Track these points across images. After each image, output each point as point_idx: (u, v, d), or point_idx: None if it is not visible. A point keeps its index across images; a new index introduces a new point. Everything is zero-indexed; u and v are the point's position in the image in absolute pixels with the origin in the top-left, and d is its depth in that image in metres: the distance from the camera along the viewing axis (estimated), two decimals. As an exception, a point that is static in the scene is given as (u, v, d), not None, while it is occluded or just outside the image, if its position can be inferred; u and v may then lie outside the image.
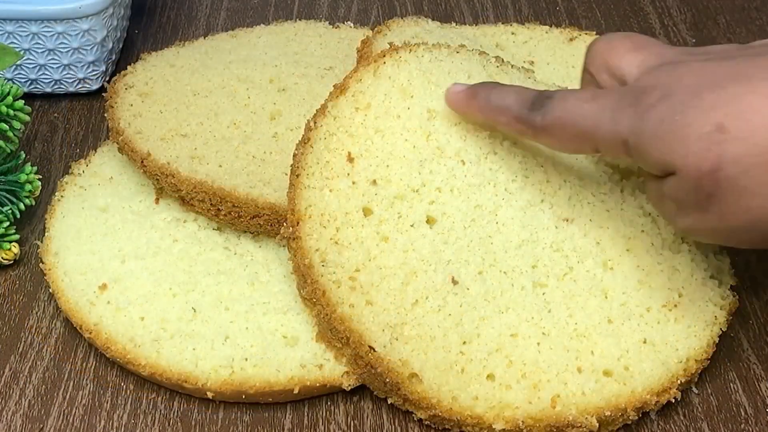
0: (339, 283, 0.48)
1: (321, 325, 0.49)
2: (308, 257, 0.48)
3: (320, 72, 0.63)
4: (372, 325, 0.47)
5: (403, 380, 0.47)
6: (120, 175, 0.60)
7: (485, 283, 0.50)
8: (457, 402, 0.47)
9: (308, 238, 0.48)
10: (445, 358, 0.48)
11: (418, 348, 0.48)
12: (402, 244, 0.50)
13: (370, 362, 0.47)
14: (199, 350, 0.50)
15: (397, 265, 0.49)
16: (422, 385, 0.47)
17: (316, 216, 0.49)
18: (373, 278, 0.49)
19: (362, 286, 0.48)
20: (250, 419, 0.50)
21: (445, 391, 0.47)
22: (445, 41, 0.62)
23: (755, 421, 0.50)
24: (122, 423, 0.49)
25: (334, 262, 0.48)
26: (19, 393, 0.51)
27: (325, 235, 0.49)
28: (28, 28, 0.65)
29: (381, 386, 0.48)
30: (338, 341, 0.48)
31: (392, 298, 0.48)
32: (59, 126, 0.68)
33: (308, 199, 0.49)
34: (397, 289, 0.49)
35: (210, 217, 0.55)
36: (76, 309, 0.52)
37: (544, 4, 0.82)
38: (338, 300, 0.48)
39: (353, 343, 0.47)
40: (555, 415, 0.46)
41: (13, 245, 0.57)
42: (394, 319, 0.48)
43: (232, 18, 0.80)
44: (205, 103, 0.60)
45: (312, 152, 0.50)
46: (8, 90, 0.55)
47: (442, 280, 0.49)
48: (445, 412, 0.47)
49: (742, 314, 0.55)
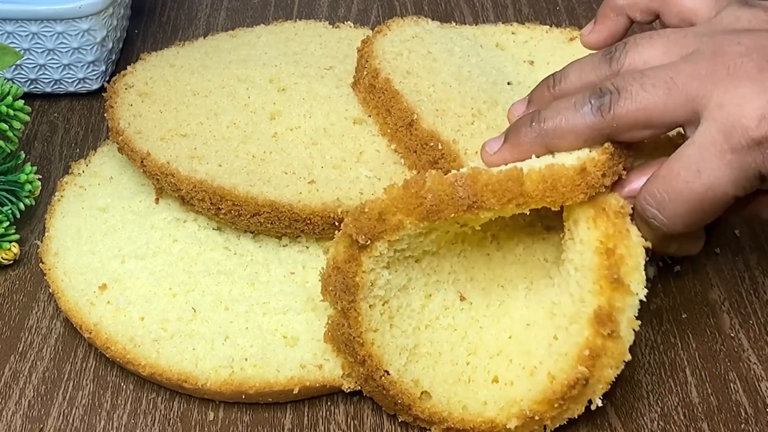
0: (374, 307, 0.47)
1: (336, 334, 0.48)
2: (361, 275, 0.46)
3: (320, 72, 0.63)
4: (390, 349, 0.47)
5: (414, 401, 0.47)
6: (120, 175, 0.60)
7: (488, 296, 0.50)
8: (467, 411, 0.47)
9: (372, 258, 0.46)
10: (453, 372, 0.48)
11: (428, 366, 0.48)
12: (429, 266, 0.50)
13: (383, 385, 0.47)
14: (199, 350, 0.50)
15: (420, 287, 0.49)
16: (431, 400, 0.47)
17: (394, 243, 0.47)
18: (401, 302, 0.49)
19: (390, 309, 0.48)
20: (250, 419, 0.50)
21: (455, 402, 0.47)
22: (445, 41, 0.63)
23: (755, 421, 0.50)
24: (122, 423, 0.49)
25: (380, 288, 0.47)
26: (19, 393, 0.51)
27: (385, 260, 0.47)
28: (28, 28, 0.65)
29: (391, 405, 0.48)
30: (352, 358, 0.48)
31: (411, 320, 0.49)
32: (59, 126, 0.68)
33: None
34: (417, 311, 0.49)
35: (210, 216, 0.55)
36: (76, 309, 0.52)
37: (544, 4, 0.82)
38: (368, 325, 0.47)
39: (369, 366, 0.47)
40: (553, 389, 0.46)
41: (13, 245, 0.57)
42: (411, 341, 0.48)
43: (232, 18, 0.80)
44: (205, 103, 0.60)
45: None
46: (8, 90, 0.55)
47: (452, 298, 0.50)
48: (458, 423, 0.47)
49: (742, 314, 0.55)
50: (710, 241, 0.59)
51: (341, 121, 0.59)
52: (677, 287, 0.57)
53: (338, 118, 0.59)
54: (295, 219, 0.53)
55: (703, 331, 0.54)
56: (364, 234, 0.45)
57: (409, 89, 0.57)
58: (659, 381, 0.52)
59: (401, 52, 0.60)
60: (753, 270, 0.58)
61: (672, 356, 0.53)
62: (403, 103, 0.56)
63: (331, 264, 0.47)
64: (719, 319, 0.55)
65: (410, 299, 0.49)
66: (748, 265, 0.58)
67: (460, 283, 0.50)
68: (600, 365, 0.44)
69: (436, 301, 0.50)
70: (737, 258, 0.59)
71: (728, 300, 0.56)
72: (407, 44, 0.61)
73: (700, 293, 0.57)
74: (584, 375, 0.44)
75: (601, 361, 0.44)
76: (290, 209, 0.53)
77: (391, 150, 0.58)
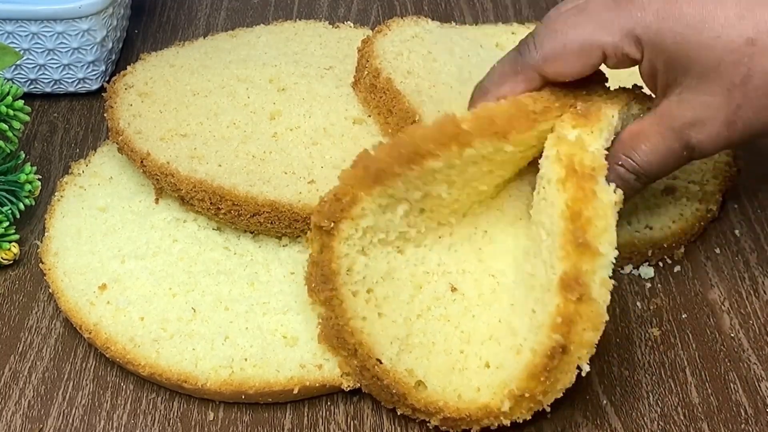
0: (357, 294, 0.48)
1: (327, 330, 0.49)
2: (336, 261, 0.47)
3: (320, 72, 0.63)
4: (381, 338, 0.47)
5: (409, 390, 0.47)
6: (120, 175, 0.60)
7: (479, 287, 0.50)
8: (462, 399, 0.47)
9: (342, 242, 0.47)
10: (447, 361, 0.48)
11: (422, 355, 0.48)
12: (414, 257, 0.50)
13: (377, 374, 0.47)
14: (198, 350, 0.50)
15: (407, 277, 0.49)
16: (427, 391, 0.47)
17: (357, 219, 0.47)
18: (387, 291, 0.49)
19: (376, 298, 0.48)
20: (250, 419, 0.50)
21: (450, 391, 0.47)
22: (445, 41, 0.63)
23: (755, 421, 0.50)
24: (122, 423, 0.49)
25: (358, 273, 0.48)
26: (19, 393, 0.51)
27: (357, 244, 0.48)
28: (28, 28, 0.65)
29: (388, 397, 0.48)
30: (345, 350, 0.48)
31: (401, 310, 0.49)
32: (59, 126, 0.68)
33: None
34: (406, 301, 0.49)
35: (210, 216, 0.55)
36: (75, 309, 0.52)
37: (544, 4, 0.82)
38: (353, 312, 0.47)
39: (361, 355, 0.47)
40: (534, 363, 0.45)
41: (12, 245, 0.57)
42: (402, 331, 0.48)
43: (232, 18, 0.80)
44: (205, 103, 0.60)
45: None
46: (8, 90, 0.55)
47: (443, 289, 0.50)
48: (454, 412, 0.47)
49: (742, 314, 0.55)
50: (710, 241, 0.60)
51: (341, 121, 0.59)
52: (677, 287, 0.57)
53: (338, 118, 0.59)
54: (295, 219, 0.53)
55: (703, 331, 0.54)
56: (326, 218, 0.46)
57: (410, 89, 0.57)
58: (659, 381, 0.52)
59: (401, 52, 0.60)
60: (753, 270, 0.58)
61: (672, 356, 0.53)
62: (405, 104, 0.56)
63: (309, 261, 0.49)
64: (719, 319, 0.55)
65: (397, 289, 0.49)
66: (748, 265, 0.58)
67: (452, 275, 0.50)
68: (576, 331, 0.43)
69: (426, 293, 0.50)
70: (737, 258, 0.59)
71: (728, 300, 0.56)
72: (407, 44, 0.61)
73: (700, 293, 0.57)
74: (560, 343, 0.43)
75: (576, 326, 0.43)
76: (290, 209, 0.53)
77: (391, 150, 0.58)
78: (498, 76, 0.50)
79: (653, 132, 0.47)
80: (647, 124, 0.48)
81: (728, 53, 0.44)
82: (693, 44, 0.44)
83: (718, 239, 0.60)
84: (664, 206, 0.58)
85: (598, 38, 0.46)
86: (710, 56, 0.44)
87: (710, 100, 0.45)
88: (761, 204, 0.62)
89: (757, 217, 0.61)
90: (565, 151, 0.45)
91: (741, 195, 0.62)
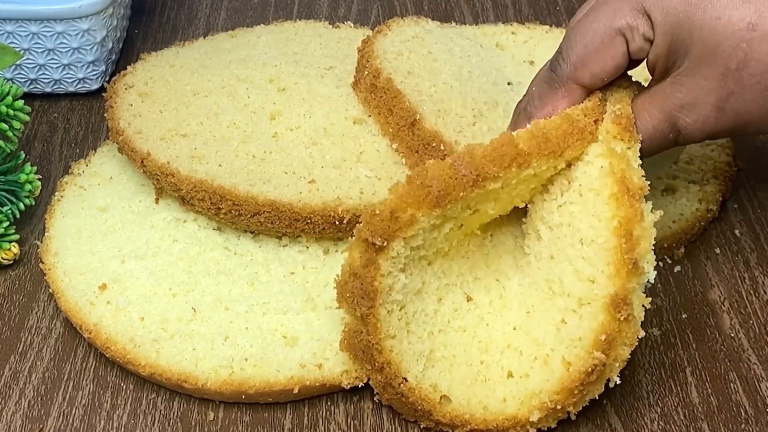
0: (391, 312, 0.47)
1: (354, 341, 0.48)
2: (379, 279, 0.46)
3: (320, 72, 0.63)
4: (408, 356, 0.47)
5: (434, 406, 0.47)
6: (120, 175, 0.60)
7: (489, 293, 0.50)
8: (488, 411, 0.47)
9: (390, 260, 0.46)
10: (469, 373, 0.48)
11: (445, 369, 0.48)
12: (440, 269, 0.50)
13: (402, 392, 0.47)
14: (198, 350, 0.50)
15: (433, 290, 0.49)
16: (451, 404, 0.47)
17: (409, 239, 0.46)
18: (416, 306, 0.48)
19: (407, 314, 0.48)
20: (250, 419, 0.50)
21: (475, 403, 0.47)
22: (445, 41, 0.63)
23: (755, 421, 0.50)
24: (122, 423, 0.49)
25: (397, 292, 0.47)
26: (19, 393, 0.51)
27: (401, 262, 0.47)
28: (28, 28, 0.65)
29: (411, 412, 0.48)
30: (370, 365, 0.48)
31: (426, 324, 0.49)
32: (59, 126, 0.68)
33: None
34: (430, 316, 0.49)
35: (210, 216, 0.55)
36: (75, 309, 0.52)
37: (544, 4, 0.82)
38: (386, 332, 0.47)
39: (388, 373, 0.47)
40: (571, 378, 0.45)
41: (13, 245, 0.57)
42: (427, 346, 0.48)
43: (232, 18, 0.80)
44: (205, 103, 0.60)
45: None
46: (8, 90, 0.55)
47: (460, 300, 0.50)
48: (481, 424, 0.47)
49: (742, 314, 0.55)
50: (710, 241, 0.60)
51: (341, 121, 0.59)
52: (677, 287, 0.57)
53: (338, 118, 0.59)
54: (296, 218, 0.53)
55: (703, 331, 0.54)
56: (379, 236, 0.45)
57: (410, 89, 0.57)
58: (659, 381, 0.52)
59: (402, 52, 0.60)
60: (753, 270, 0.58)
61: (672, 356, 0.53)
62: (406, 103, 0.56)
63: (347, 270, 0.47)
64: (719, 319, 0.55)
65: (424, 304, 0.49)
66: (748, 265, 0.58)
67: (467, 284, 0.51)
68: (615, 347, 0.44)
69: (446, 304, 0.50)
70: (737, 258, 0.59)
71: (728, 300, 0.56)
72: (408, 44, 0.61)
73: (700, 293, 0.57)
74: (602, 361, 0.44)
75: (616, 343, 0.44)
76: (290, 209, 0.53)
77: (391, 150, 0.58)
78: (538, 98, 0.49)
79: (642, 111, 0.48)
80: (638, 102, 0.48)
81: (728, 36, 0.44)
82: (695, 22, 0.44)
83: (718, 239, 0.60)
84: (664, 206, 0.58)
85: (613, 24, 0.46)
86: (710, 38, 0.44)
87: (703, 84, 0.45)
88: (761, 204, 0.62)
89: (757, 217, 0.61)
90: (618, 166, 0.45)
91: (741, 195, 0.62)
